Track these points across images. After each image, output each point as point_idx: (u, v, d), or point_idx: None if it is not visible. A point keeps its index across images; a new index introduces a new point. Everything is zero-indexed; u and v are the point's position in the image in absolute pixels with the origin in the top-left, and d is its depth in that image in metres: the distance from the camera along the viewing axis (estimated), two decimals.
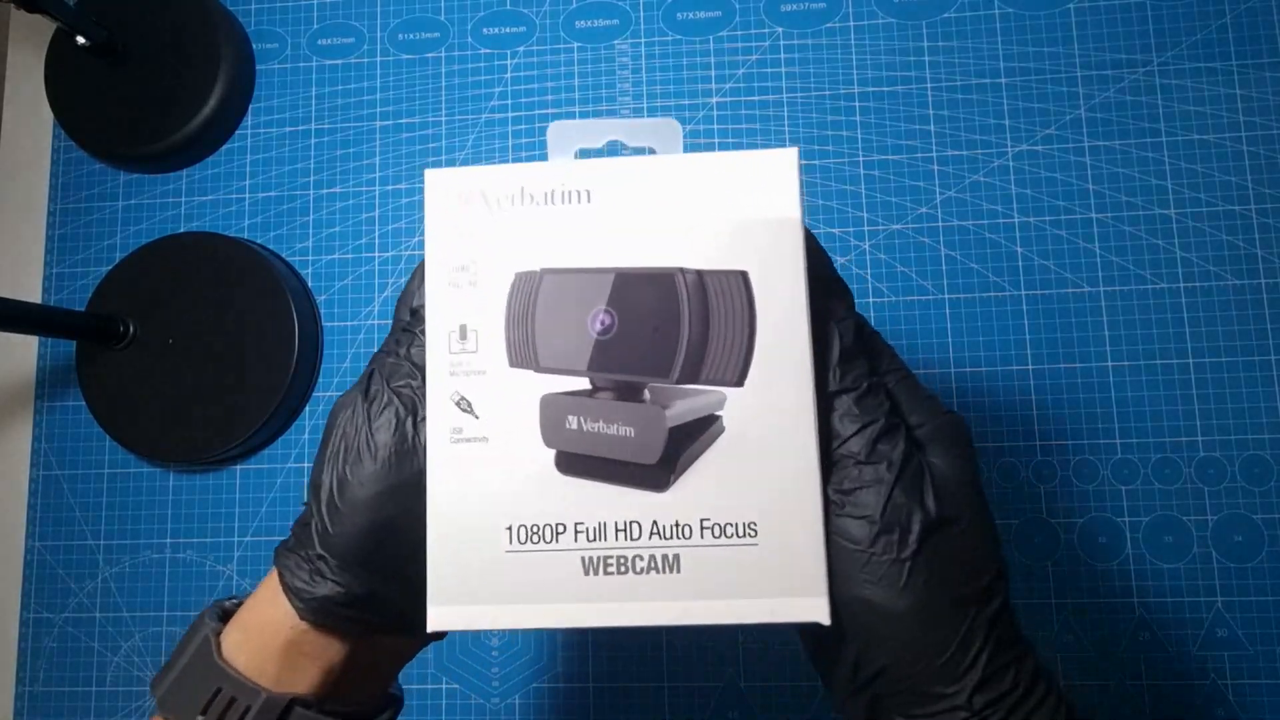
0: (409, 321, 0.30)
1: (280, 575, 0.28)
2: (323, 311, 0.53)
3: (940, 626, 0.25)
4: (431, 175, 0.28)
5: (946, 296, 0.50)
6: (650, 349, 0.26)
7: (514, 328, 0.27)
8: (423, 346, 0.28)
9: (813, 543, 0.26)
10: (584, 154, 0.29)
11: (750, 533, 0.26)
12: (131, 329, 0.51)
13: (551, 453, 0.26)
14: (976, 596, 0.26)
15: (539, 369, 0.27)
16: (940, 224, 0.50)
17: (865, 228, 0.51)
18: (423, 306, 0.28)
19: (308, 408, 0.52)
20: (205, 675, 0.28)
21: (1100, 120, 0.50)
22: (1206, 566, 0.46)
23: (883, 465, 0.26)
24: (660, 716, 0.47)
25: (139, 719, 0.50)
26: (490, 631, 0.49)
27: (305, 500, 0.29)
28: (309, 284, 0.53)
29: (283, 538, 0.51)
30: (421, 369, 0.28)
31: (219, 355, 0.51)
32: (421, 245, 0.53)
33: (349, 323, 0.53)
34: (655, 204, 0.27)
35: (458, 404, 0.27)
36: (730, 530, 0.26)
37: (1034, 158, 0.50)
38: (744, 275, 0.26)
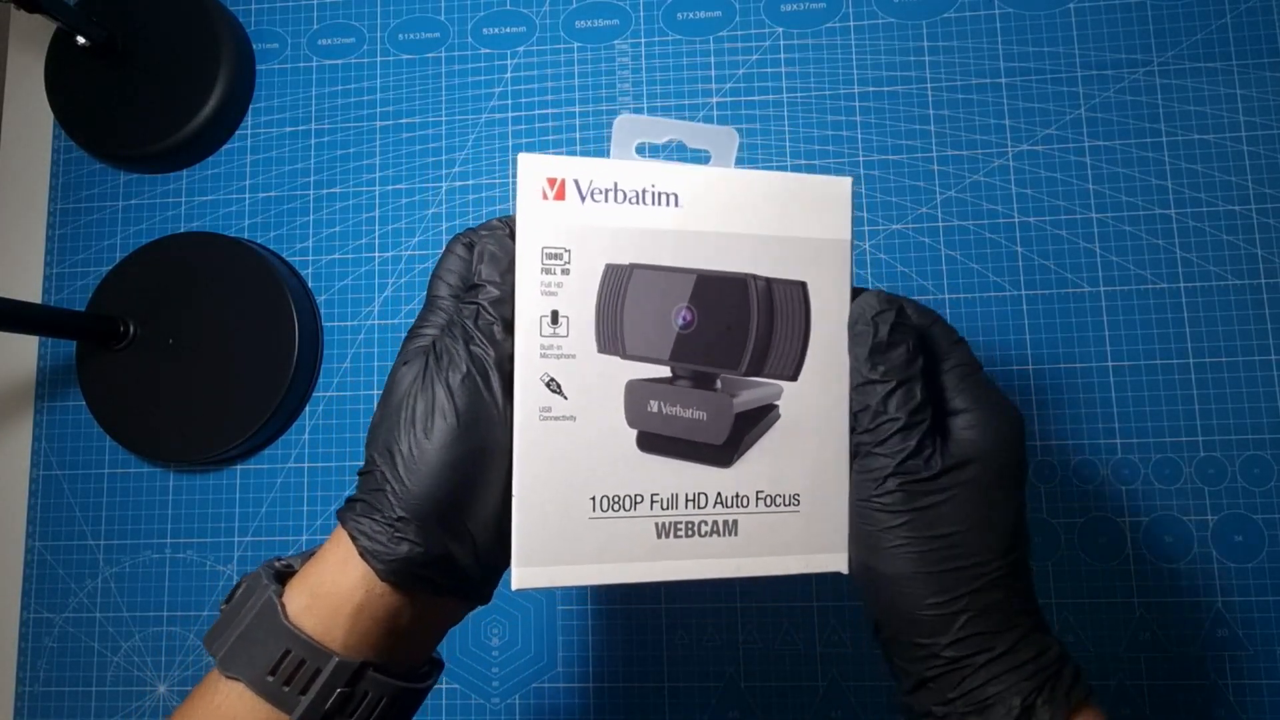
0: (466, 293, 0.30)
1: (355, 539, 0.29)
2: (323, 311, 0.53)
3: (922, 593, 0.28)
4: (525, 160, 0.29)
5: (947, 296, 0.50)
6: (724, 344, 0.30)
7: (604, 317, 0.29)
8: (490, 315, 0.29)
9: (839, 510, 0.31)
10: (644, 149, 0.33)
11: (794, 503, 0.30)
12: (131, 329, 0.51)
13: (634, 432, 0.29)
14: (965, 570, 0.28)
15: (625, 356, 0.29)
16: (940, 224, 0.50)
17: (865, 228, 0.51)
18: (489, 281, 0.29)
19: (308, 408, 0.52)
20: (272, 636, 0.28)
21: (1100, 120, 0.50)
22: (1206, 566, 0.46)
23: (891, 442, 0.29)
24: (660, 716, 0.47)
25: (139, 719, 0.50)
26: (490, 631, 0.49)
27: (367, 467, 0.30)
28: (309, 284, 0.53)
29: (282, 538, 0.51)
30: (490, 335, 0.29)
31: (219, 355, 0.51)
32: (420, 246, 0.53)
33: (349, 323, 0.53)
34: (733, 211, 0.30)
35: (547, 385, 0.29)
36: (779, 500, 0.30)
37: (1034, 158, 0.50)
38: (804, 286, 0.30)
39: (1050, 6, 0.52)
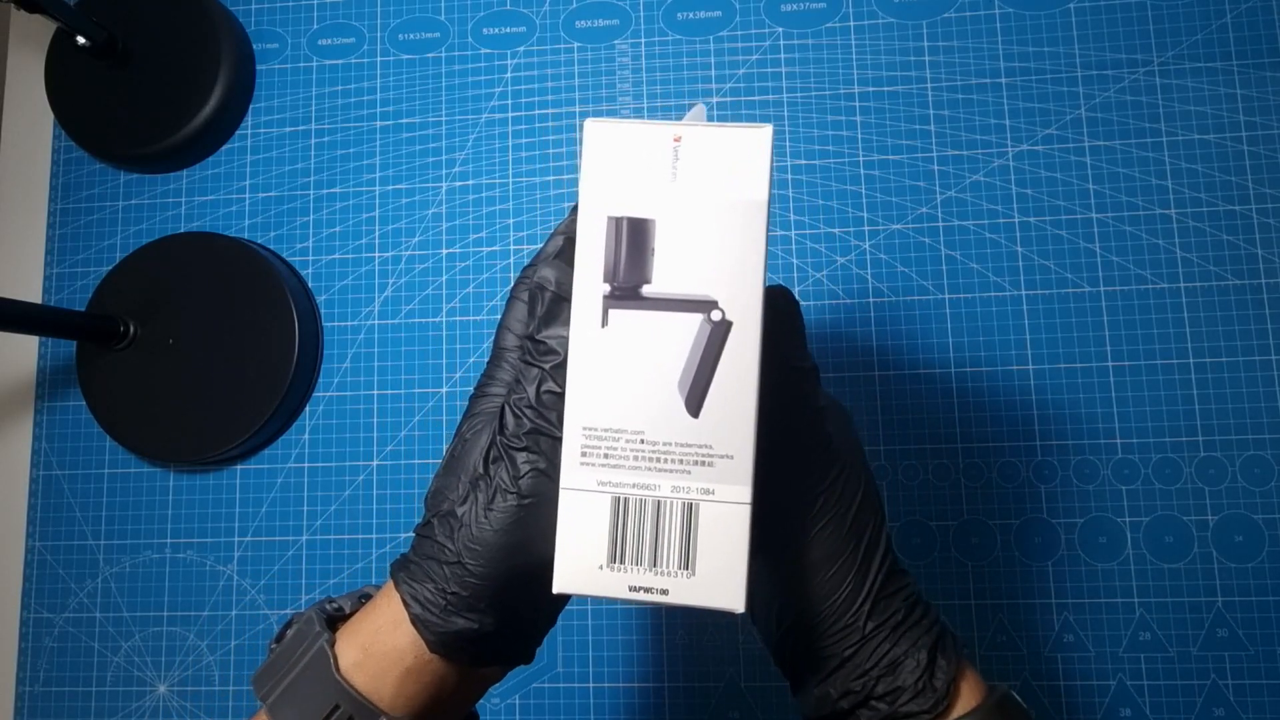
0: (529, 350, 0.28)
1: (408, 605, 0.29)
2: (323, 311, 0.53)
3: (842, 569, 0.29)
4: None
5: (947, 296, 0.50)
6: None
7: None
8: (557, 387, 0.27)
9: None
10: None
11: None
12: (131, 329, 0.51)
13: None
14: (870, 538, 0.30)
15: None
16: (940, 224, 0.50)
17: (865, 228, 0.51)
18: (550, 338, 0.28)
19: (308, 408, 0.52)
20: (324, 689, 0.28)
21: (1100, 120, 0.50)
22: (1207, 566, 0.46)
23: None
24: (660, 716, 0.47)
25: (139, 719, 0.50)
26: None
27: (425, 530, 0.29)
28: (309, 284, 0.53)
29: (282, 538, 0.51)
30: (552, 414, 0.27)
31: (219, 355, 0.51)
32: (420, 246, 0.53)
33: (349, 323, 0.53)
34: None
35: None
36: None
37: (1034, 158, 0.50)
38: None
39: (1050, 6, 0.52)
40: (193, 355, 0.51)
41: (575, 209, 0.28)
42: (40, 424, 0.54)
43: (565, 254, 0.29)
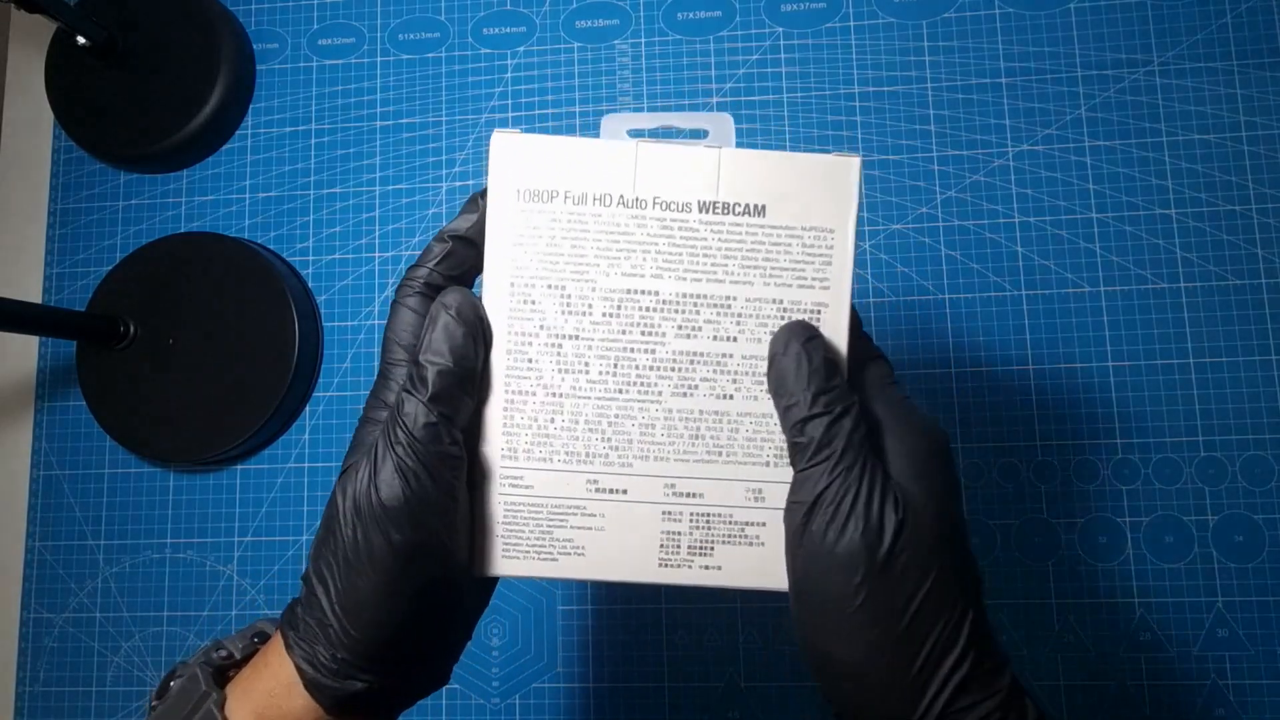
0: (413, 379, 0.26)
1: (300, 671, 0.26)
2: (323, 311, 0.53)
3: (894, 673, 0.24)
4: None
5: (947, 296, 0.50)
6: None
7: None
8: (432, 415, 0.26)
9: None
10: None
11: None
12: (131, 329, 0.51)
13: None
14: (936, 642, 0.24)
15: None
16: (940, 224, 0.50)
17: (865, 228, 0.51)
18: (432, 363, 0.26)
19: (308, 408, 0.52)
20: None
21: (1100, 120, 0.50)
22: (1207, 566, 0.46)
23: (849, 521, 0.24)
24: (660, 716, 0.47)
25: (139, 719, 0.50)
26: (490, 631, 0.49)
27: (309, 588, 0.27)
28: (309, 284, 0.53)
29: (282, 538, 0.51)
30: (437, 438, 0.25)
31: (219, 355, 0.51)
32: (420, 246, 0.53)
33: (349, 323, 0.53)
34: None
35: None
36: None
37: (1034, 158, 0.50)
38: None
39: (1050, 6, 0.52)
40: (193, 355, 0.51)
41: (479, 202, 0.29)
42: (40, 424, 0.54)
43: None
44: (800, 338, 0.26)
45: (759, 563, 0.28)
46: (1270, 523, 0.47)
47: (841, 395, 0.26)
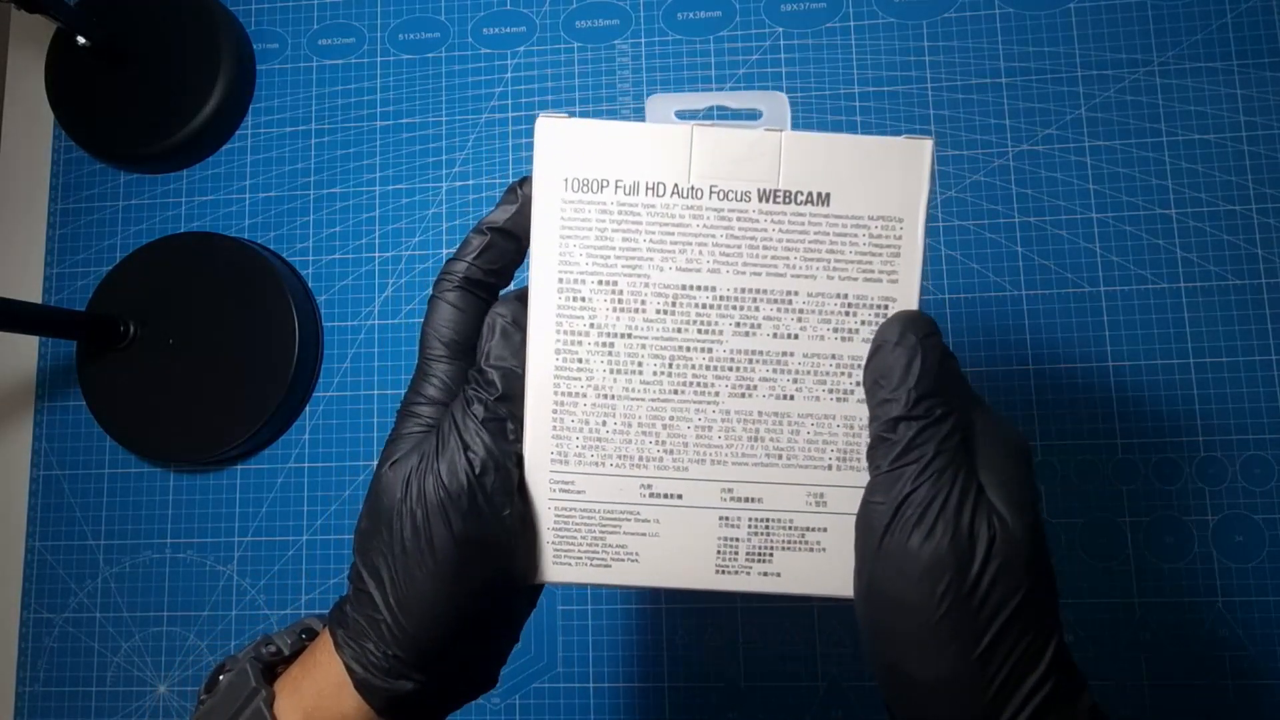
0: (471, 377, 0.26)
1: (350, 671, 0.26)
2: (323, 311, 0.53)
3: (971, 692, 0.23)
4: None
5: (947, 296, 0.50)
6: None
7: None
8: (499, 412, 0.26)
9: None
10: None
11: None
12: (131, 329, 0.51)
13: None
14: (1019, 661, 0.23)
15: None
16: (940, 224, 0.50)
17: None
18: (490, 355, 0.26)
19: (308, 408, 0.52)
20: None
21: (1100, 120, 0.50)
22: (1207, 566, 0.46)
23: (940, 535, 0.23)
24: (660, 716, 0.47)
25: (139, 719, 0.50)
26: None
27: (358, 584, 0.26)
28: (309, 284, 0.53)
29: (282, 538, 0.51)
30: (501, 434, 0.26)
31: (219, 355, 0.51)
32: (420, 246, 0.53)
33: (349, 323, 0.53)
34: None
35: None
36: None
37: (1034, 158, 0.50)
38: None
39: (1050, 6, 0.52)
40: (193, 355, 0.51)
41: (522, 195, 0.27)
42: (40, 424, 0.54)
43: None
44: (918, 331, 0.25)
45: (820, 569, 0.27)
46: (1270, 523, 0.47)
47: (945, 401, 0.24)
